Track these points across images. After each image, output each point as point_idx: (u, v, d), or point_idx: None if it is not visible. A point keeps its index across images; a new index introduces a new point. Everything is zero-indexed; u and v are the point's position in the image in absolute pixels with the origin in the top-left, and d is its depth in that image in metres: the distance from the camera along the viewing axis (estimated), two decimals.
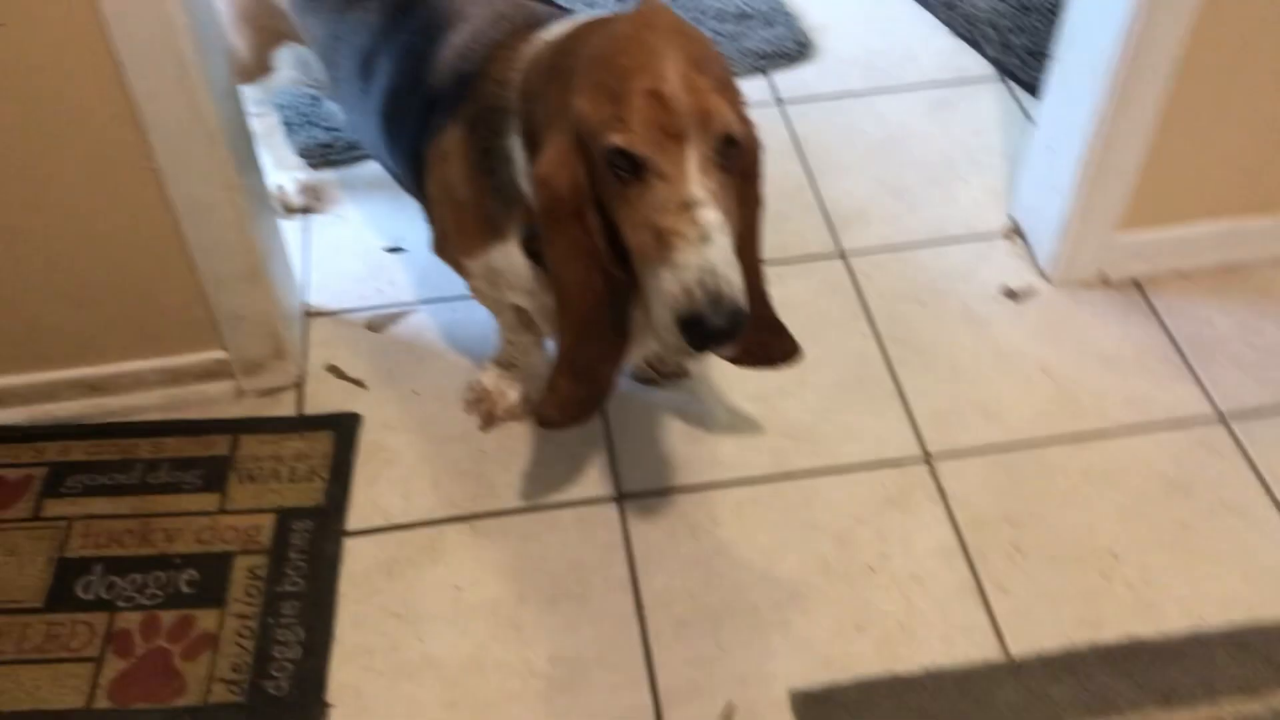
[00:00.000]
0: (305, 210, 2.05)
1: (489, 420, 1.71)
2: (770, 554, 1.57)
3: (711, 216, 1.13)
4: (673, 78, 1.12)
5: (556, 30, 1.33)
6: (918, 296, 1.90)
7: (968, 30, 2.40)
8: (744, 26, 2.40)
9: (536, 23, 1.40)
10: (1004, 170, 2.12)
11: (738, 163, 1.19)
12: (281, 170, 2.04)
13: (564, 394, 1.35)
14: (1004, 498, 1.63)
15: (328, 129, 2.17)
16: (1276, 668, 1.44)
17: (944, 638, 1.48)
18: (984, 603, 1.52)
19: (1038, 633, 1.48)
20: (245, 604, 1.50)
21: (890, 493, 1.63)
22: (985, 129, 2.21)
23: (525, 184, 1.33)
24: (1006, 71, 2.31)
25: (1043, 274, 1.93)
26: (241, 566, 1.54)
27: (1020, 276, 1.93)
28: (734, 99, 1.18)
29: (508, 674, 1.45)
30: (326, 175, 2.12)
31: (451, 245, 1.49)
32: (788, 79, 2.33)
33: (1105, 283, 1.91)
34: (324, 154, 2.13)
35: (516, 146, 1.33)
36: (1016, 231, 2.00)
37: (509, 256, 1.41)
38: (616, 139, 1.12)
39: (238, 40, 1.81)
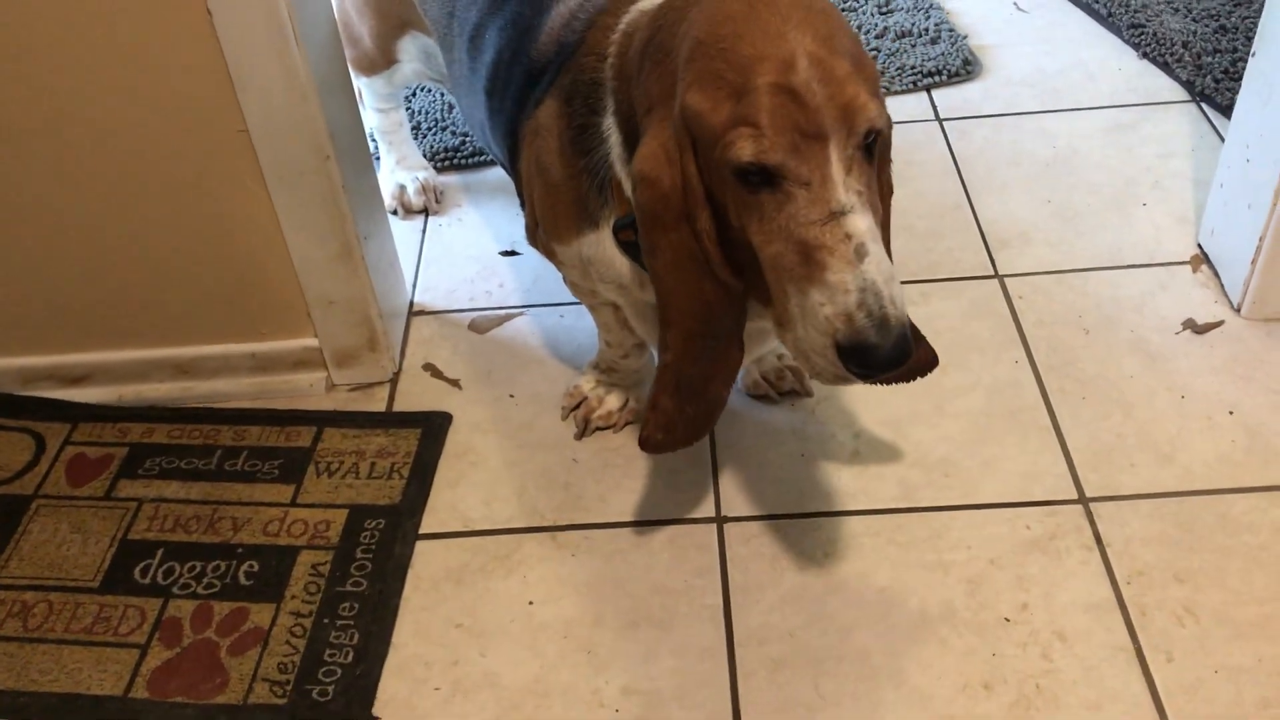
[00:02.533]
0: (424, 211, 1.97)
1: (584, 427, 1.56)
2: (888, 595, 1.35)
3: (864, 225, 0.97)
4: (803, 65, 0.95)
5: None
6: (1082, 324, 1.67)
7: (1157, 51, 2.17)
8: (904, 44, 2.23)
9: None
10: (1194, 197, 1.87)
11: (876, 150, 1.03)
12: (403, 170, 1.97)
13: (669, 413, 1.19)
14: (1174, 551, 1.37)
15: (458, 133, 2.10)
16: None
17: (1091, 705, 1.23)
18: (1143, 670, 1.26)
19: (1210, 711, 1.22)
20: (303, 601, 1.38)
21: (1035, 535, 1.40)
22: (1174, 153, 1.97)
23: (620, 169, 1.20)
24: (1200, 94, 2.07)
25: (1233, 306, 1.67)
26: (305, 562, 1.43)
27: (1206, 309, 1.68)
28: (871, 79, 1.01)
29: (573, 701, 1.27)
30: (451, 179, 2.04)
31: (544, 230, 1.35)
32: (950, 96, 2.14)
33: None
34: (450, 157, 2.06)
35: (612, 127, 1.19)
36: (1204, 260, 1.75)
37: (602, 246, 1.27)
38: (745, 150, 0.96)
39: (362, 28, 1.75)
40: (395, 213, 1.96)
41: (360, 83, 1.86)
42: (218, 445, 1.58)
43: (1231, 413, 1.53)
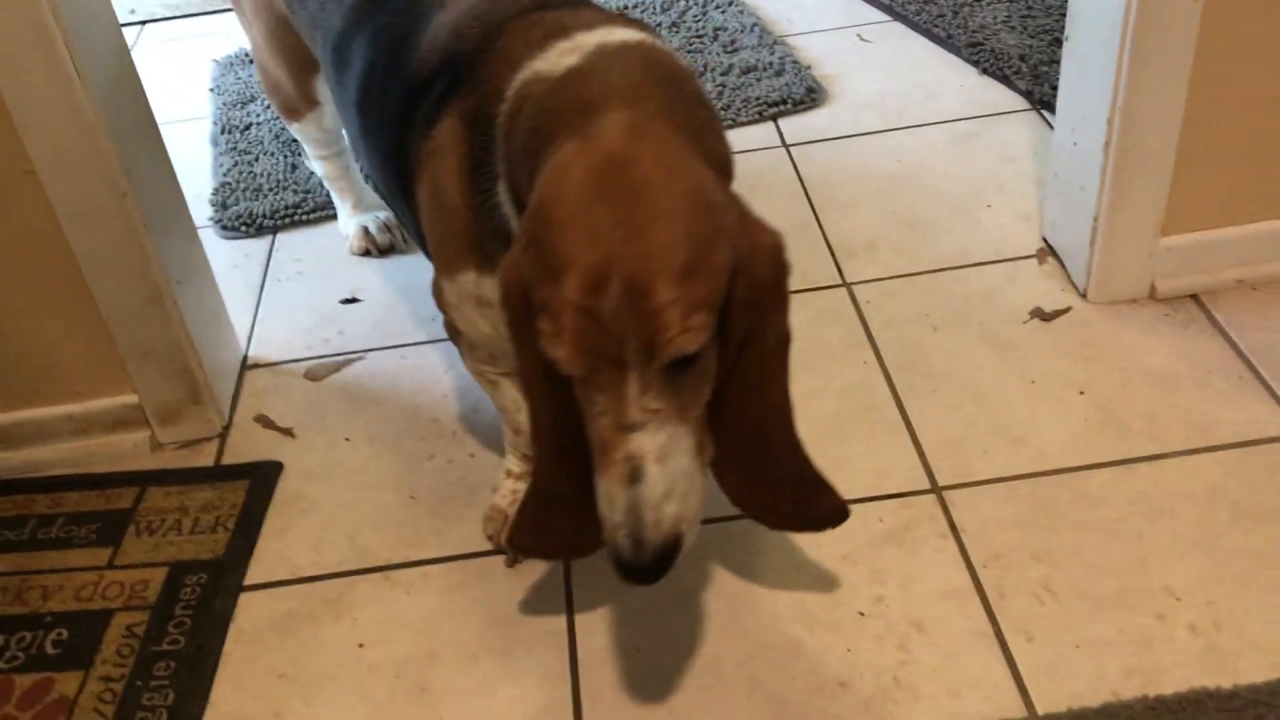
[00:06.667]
0: (390, 249, 1.90)
1: (497, 541, 1.38)
2: (738, 601, 1.29)
3: (651, 444, 0.92)
4: (614, 289, 0.85)
5: (556, 58, 1.04)
6: (930, 322, 1.64)
7: (996, 66, 2.19)
8: (749, 78, 2.23)
9: (543, 5, 1.12)
10: (1037, 196, 1.87)
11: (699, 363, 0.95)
12: (361, 211, 1.92)
13: (539, 521, 1.10)
14: (1031, 532, 1.33)
15: (299, 191, 2.04)
16: None
17: (951, 693, 1.17)
18: (1004, 652, 1.20)
19: (1072, 686, 1.16)
20: (115, 665, 1.27)
21: (889, 527, 1.35)
22: (1016, 157, 1.97)
23: (515, 225, 1.07)
24: (1040, 102, 2.09)
25: (1080, 292, 1.66)
26: (119, 624, 1.32)
27: (1053, 297, 1.66)
28: (705, 291, 0.89)
29: None
30: (292, 236, 1.98)
31: (436, 268, 1.21)
32: (796, 123, 2.14)
33: (1154, 298, 1.63)
34: (291, 214, 2.00)
35: (503, 189, 1.07)
36: (1049, 252, 1.74)
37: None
38: (547, 348, 0.90)
39: (279, 72, 1.69)
40: (368, 253, 1.89)
41: (293, 131, 1.82)
42: (31, 515, 1.48)
43: (1082, 393, 1.50)
